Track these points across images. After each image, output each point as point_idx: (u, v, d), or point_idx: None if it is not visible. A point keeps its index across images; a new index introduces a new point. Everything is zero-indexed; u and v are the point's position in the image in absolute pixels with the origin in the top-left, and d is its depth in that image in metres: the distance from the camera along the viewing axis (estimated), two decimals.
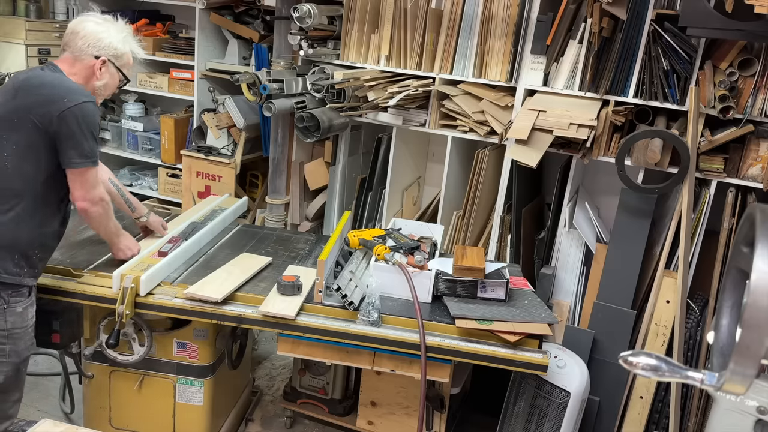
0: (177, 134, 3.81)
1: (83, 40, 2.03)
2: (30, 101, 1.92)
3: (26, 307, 1.98)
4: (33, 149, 1.92)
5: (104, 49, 2.05)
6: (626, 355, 1.02)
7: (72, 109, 1.90)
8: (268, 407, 3.00)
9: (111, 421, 2.48)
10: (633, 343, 2.70)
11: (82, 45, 2.03)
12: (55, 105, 1.90)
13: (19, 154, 1.92)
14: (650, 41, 2.49)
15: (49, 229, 2.04)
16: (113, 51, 2.07)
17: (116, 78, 2.13)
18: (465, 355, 2.11)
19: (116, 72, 2.11)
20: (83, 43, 2.03)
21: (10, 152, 1.92)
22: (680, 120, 2.63)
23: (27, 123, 1.91)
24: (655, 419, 2.73)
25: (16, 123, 1.91)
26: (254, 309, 2.17)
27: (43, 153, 1.93)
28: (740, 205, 2.55)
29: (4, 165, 1.92)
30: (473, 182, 2.85)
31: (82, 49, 2.03)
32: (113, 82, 2.12)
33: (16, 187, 1.93)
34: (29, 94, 1.94)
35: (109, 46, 2.06)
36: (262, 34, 3.60)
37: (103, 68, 2.05)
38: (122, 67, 2.13)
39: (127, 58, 2.14)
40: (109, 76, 2.09)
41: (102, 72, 2.06)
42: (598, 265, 2.74)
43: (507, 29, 2.74)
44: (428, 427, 2.49)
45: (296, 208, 3.48)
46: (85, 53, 2.03)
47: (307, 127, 2.94)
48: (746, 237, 1.01)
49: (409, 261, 2.28)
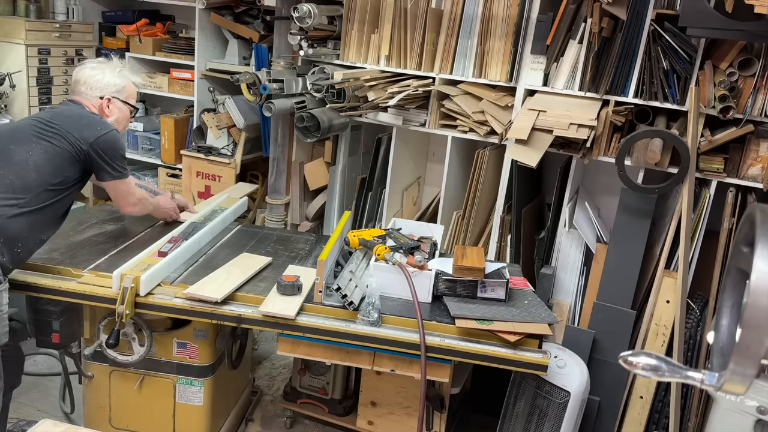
0: (177, 134, 3.82)
1: (85, 85, 2.33)
2: (70, 123, 2.20)
3: (1, 291, 2.01)
4: (57, 159, 2.14)
5: (105, 89, 2.34)
6: (626, 355, 1.02)
7: (105, 136, 2.22)
8: (268, 407, 3.00)
9: (111, 421, 2.48)
10: (633, 343, 2.70)
11: (85, 90, 2.33)
12: (90, 131, 2.20)
13: (44, 159, 2.12)
14: (650, 41, 2.49)
15: (43, 236, 2.18)
16: (114, 88, 2.36)
17: (125, 110, 2.41)
18: (465, 355, 2.10)
19: (123, 105, 2.39)
20: (86, 89, 2.33)
21: (37, 155, 2.11)
22: (680, 120, 2.63)
23: (61, 138, 2.16)
24: (655, 419, 2.73)
25: (50, 135, 2.15)
26: (254, 309, 2.17)
27: (66, 166, 2.16)
28: (740, 205, 2.55)
29: (27, 163, 2.09)
30: (473, 182, 2.85)
31: (87, 94, 2.33)
32: (123, 114, 2.40)
33: (31, 186, 2.08)
34: (69, 119, 2.22)
35: (108, 84, 2.35)
36: (262, 34, 3.60)
37: (111, 106, 2.35)
38: (127, 99, 2.41)
39: (129, 89, 2.41)
40: (118, 110, 2.38)
41: (111, 109, 2.35)
42: (598, 265, 2.74)
43: (507, 29, 2.74)
44: (428, 427, 2.49)
45: (296, 208, 3.48)
46: (91, 96, 2.33)
47: (307, 127, 2.94)
48: (746, 237, 1.01)
49: (409, 261, 2.28)
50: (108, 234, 2.61)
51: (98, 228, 2.66)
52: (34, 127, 2.17)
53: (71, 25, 3.90)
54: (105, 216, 2.80)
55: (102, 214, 2.84)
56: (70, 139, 2.16)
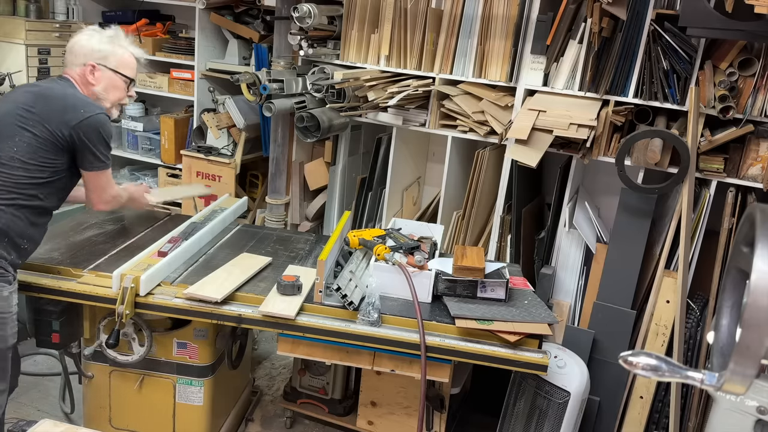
0: (177, 134, 3.82)
1: (71, 53, 2.19)
2: (50, 108, 2.06)
3: (11, 292, 2.02)
4: (41, 151, 2.04)
5: (89, 55, 2.16)
6: (626, 355, 1.02)
7: (90, 119, 2.07)
8: (268, 407, 3.00)
9: (111, 421, 2.48)
10: (633, 343, 2.70)
11: (71, 59, 2.19)
12: (73, 113, 2.06)
13: (29, 154, 2.03)
14: (650, 41, 2.49)
15: (46, 222, 2.15)
16: (98, 54, 2.17)
17: (116, 81, 2.22)
18: (465, 355, 2.10)
19: (113, 74, 2.20)
20: (72, 57, 2.19)
21: (22, 150, 2.03)
22: (680, 120, 2.63)
23: (42, 126, 2.04)
24: (655, 419, 2.73)
25: (32, 124, 2.05)
26: (254, 309, 2.17)
27: (51, 157, 2.06)
28: (740, 205, 2.55)
29: (13, 160, 2.02)
30: (473, 182, 2.85)
31: (72, 62, 2.18)
32: (113, 84, 2.21)
33: (22, 183, 2.03)
34: (49, 102, 2.08)
35: (92, 50, 2.17)
36: (262, 34, 3.60)
37: (95, 73, 2.17)
38: (117, 68, 2.21)
39: (122, 59, 2.22)
40: (106, 79, 2.19)
41: (96, 77, 2.18)
42: (598, 265, 2.74)
43: (507, 29, 2.74)
44: (428, 427, 2.49)
45: (296, 208, 3.48)
46: (77, 64, 2.17)
47: (307, 127, 2.94)
48: (746, 237, 1.01)
49: (409, 261, 2.28)
50: (108, 234, 2.61)
51: (98, 228, 2.66)
52: (18, 116, 2.05)
53: (71, 25, 3.90)
54: (105, 216, 2.80)
55: (102, 214, 2.84)
56: (51, 126, 2.04)
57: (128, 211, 2.87)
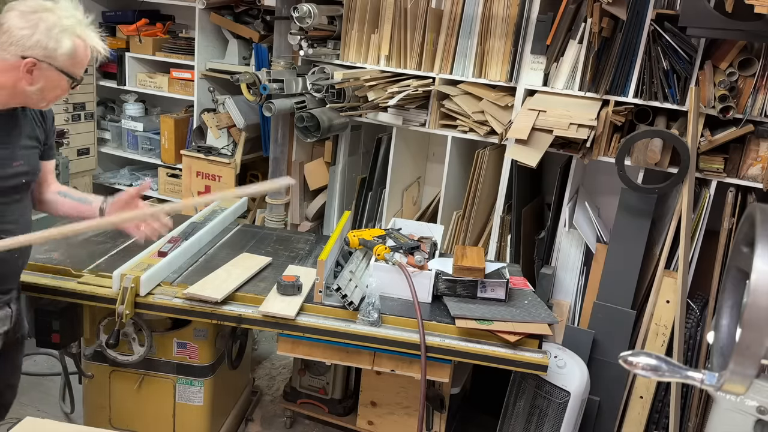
0: (177, 134, 3.82)
1: (6, 35, 1.60)
2: None
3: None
4: None
5: (31, 49, 1.61)
6: (626, 355, 1.02)
7: None
8: (268, 407, 3.00)
9: (111, 421, 2.48)
10: (633, 343, 2.70)
11: (4, 42, 1.61)
12: None
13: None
14: (650, 41, 2.49)
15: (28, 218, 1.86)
16: (42, 50, 1.62)
17: (58, 80, 1.68)
18: (465, 355, 2.10)
19: (58, 74, 1.67)
20: (6, 40, 1.60)
21: None
22: (680, 120, 2.63)
23: None
24: (655, 419, 2.73)
25: None
26: (254, 309, 2.17)
27: None
28: (740, 205, 2.55)
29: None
30: (473, 182, 2.85)
31: (4, 47, 1.61)
32: (54, 84, 1.69)
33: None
34: None
35: (37, 44, 1.61)
36: (262, 34, 3.60)
37: (34, 72, 1.63)
38: (66, 68, 1.67)
39: (72, 53, 1.66)
40: (46, 79, 1.66)
41: (34, 76, 1.64)
42: (598, 265, 2.74)
43: (507, 29, 2.74)
44: (428, 427, 2.49)
45: (296, 208, 3.48)
46: (9, 52, 1.61)
47: (307, 127, 2.94)
48: (746, 237, 1.01)
49: (409, 261, 2.28)
50: (108, 234, 2.61)
51: None
52: None
53: None
54: None
55: None
56: None
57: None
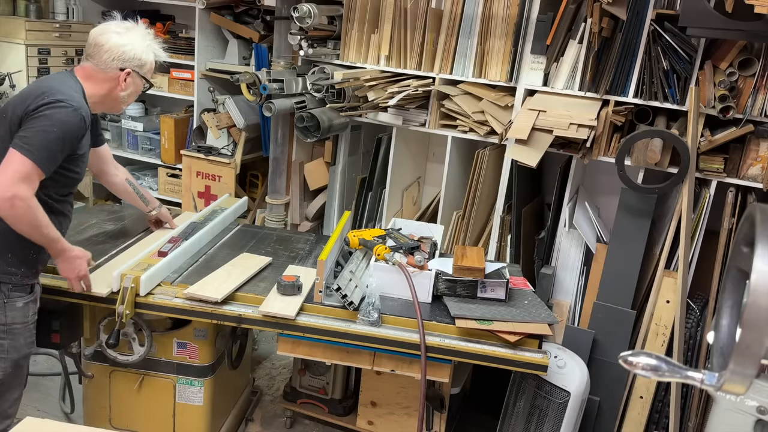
0: (177, 134, 3.82)
1: (108, 53, 2.04)
2: (19, 99, 1.92)
3: (27, 302, 1.96)
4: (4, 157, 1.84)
5: (129, 62, 2.06)
6: (626, 355, 1.02)
7: (47, 105, 1.85)
8: (268, 407, 3.00)
9: (111, 421, 2.48)
10: (633, 343, 2.70)
11: (107, 59, 2.04)
12: (31, 98, 1.87)
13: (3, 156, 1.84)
14: (650, 41, 2.49)
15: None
16: (138, 62, 2.09)
17: (140, 85, 2.16)
18: (465, 355, 2.10)
19: (140, 80, 2.14)
20: (108, 57, 2.04)
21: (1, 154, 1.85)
22: (680, 120, 2.63)
23: (5, 123, 1.89)
24: (655, 419, 2.73)
25: (3, 119, 1.91)
26: (254, 309, 2.17)
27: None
28: (740, 205, 2.55)
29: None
30: (473, 182, 2.85)
31: (107, 63, 2.04)
32: (137, 89, 2.16)
33: None
34: (23, 95, 1.94)
35: (134, 58, 2.07)
36: (262, 34, 3.60)
37: (128, 79, 2.08)
38: (146, 74, 2.16)
39: (150, 65, 2.16)
40: (134, 85, 2.12)
41: (127, 83, 2.09)
42: (598, 265, 2.74)
43: (507, 29, 2.74)
44: (428, 427, 2.49)
45: (296, 208, 3.48)
46: (110, 66, 2.05)
47: (307, 127, 2.94)
48: (746, 237, 1.01)
49: (409, 261, 2.28)
50: (108, 234, 2.61)
51: (98, 228, 2.66)
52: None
53: (71, 25, 3.90)
54: (105, 216, 2.80)
55: (102, 214, 2.84)
56: (10, 121, 1.87)
57: (129, 210, 2.88)
